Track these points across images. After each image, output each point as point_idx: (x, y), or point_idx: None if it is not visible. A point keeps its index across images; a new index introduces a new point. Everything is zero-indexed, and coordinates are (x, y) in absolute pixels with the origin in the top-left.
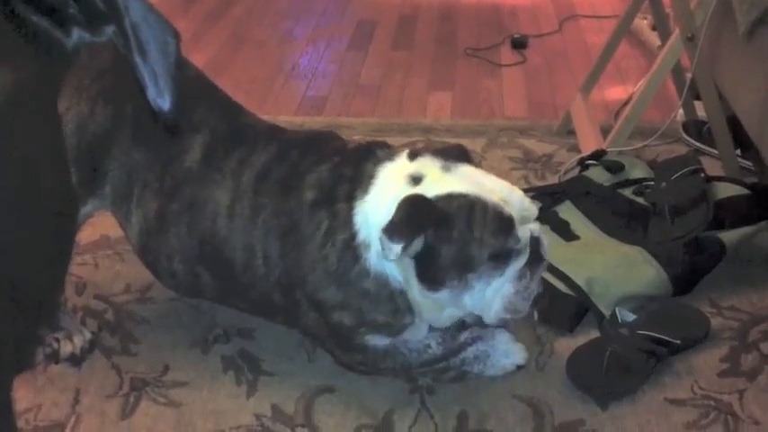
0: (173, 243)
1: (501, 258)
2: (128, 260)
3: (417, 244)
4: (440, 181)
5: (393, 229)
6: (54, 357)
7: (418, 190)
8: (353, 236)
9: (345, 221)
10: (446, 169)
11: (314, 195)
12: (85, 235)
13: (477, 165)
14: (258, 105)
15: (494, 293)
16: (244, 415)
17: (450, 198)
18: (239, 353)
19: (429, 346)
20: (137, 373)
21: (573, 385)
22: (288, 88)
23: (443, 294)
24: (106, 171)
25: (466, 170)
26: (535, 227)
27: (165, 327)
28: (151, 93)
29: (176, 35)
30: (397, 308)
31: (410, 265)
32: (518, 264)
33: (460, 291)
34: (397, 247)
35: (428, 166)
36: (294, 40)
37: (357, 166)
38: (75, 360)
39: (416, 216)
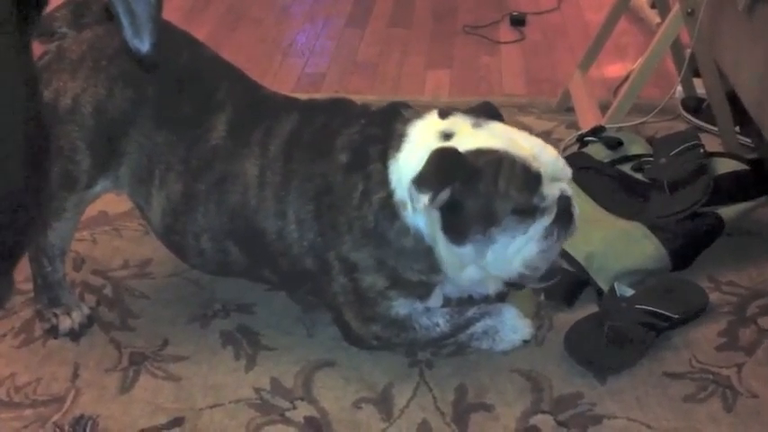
0: (201, 222)
1: (525, 214)
2: (126, 236)
3: (444, 195)
4: (470, 136)
5: (421, 180)
6: (53, 332)
7: (449, 144)
8: (390, 194)
9: (381, 181)
10: (477, 126)
11: (347, 158)
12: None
13: None
14: None
15: (516, 250)
16: (243, 389)
17: (479, 153)
18: (238, 327)
19: (437, 324)
20: (136, 348)
21: (571, 359)
22: (285, 66)
23: (467, 249)
24: (123, 153)
25: (498, 127)
26: (566, 186)
27: (163, 302)
28: (127, 33)
29: None
30: (432, 264)
31: (436, 217)
32: (544, 222)
33: (484, 245)
34: (425, 198)
35: (459, 122)
36: (291, 18)
37: (386, 126)
38: (74, 335)
39: (444, 168)
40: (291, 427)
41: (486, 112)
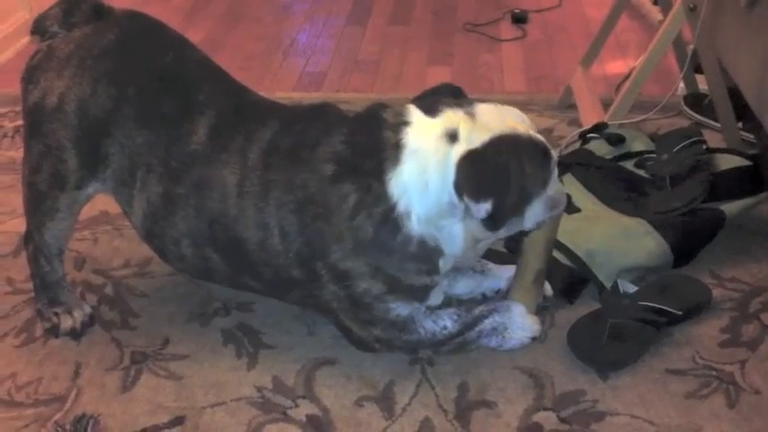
0: (180, 227)
1: (547, 181)
2: (126, 235)
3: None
4: (474, 130)
5: (475, 191)
6: (54, 332)
7: (460, 146)
8: (392, 208)
9: (380, 195)
10: (470, 115)
11: (333, 169)
12: (84, 211)
13: None
14: (256, 82)
15: (542, 205)
16: (244, 387)
17: (492, 144)
18: (239, 326)
19: (445, 327)
20: (137, 347)
21: (574, 356)
22: (286, 64)
23: (501, 232)
24: (107, 153)
25: (483, 109)
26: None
27: (164, 300)
28: None
29: None
30: (435, 266)
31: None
32: (555, 171)
33: (516, 223)
34: (487, 206)
35: (452, 116)
36: (292, 16)
37: (373, 135)
38: (75, 334)
39: (486, 172)
40: (293, 425)
41: (451, 92)
